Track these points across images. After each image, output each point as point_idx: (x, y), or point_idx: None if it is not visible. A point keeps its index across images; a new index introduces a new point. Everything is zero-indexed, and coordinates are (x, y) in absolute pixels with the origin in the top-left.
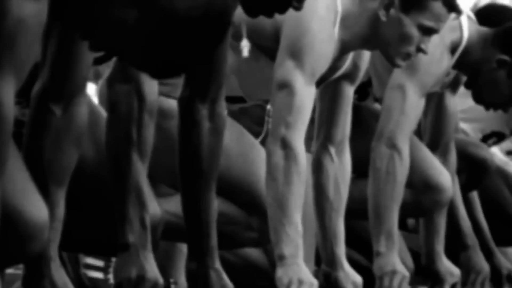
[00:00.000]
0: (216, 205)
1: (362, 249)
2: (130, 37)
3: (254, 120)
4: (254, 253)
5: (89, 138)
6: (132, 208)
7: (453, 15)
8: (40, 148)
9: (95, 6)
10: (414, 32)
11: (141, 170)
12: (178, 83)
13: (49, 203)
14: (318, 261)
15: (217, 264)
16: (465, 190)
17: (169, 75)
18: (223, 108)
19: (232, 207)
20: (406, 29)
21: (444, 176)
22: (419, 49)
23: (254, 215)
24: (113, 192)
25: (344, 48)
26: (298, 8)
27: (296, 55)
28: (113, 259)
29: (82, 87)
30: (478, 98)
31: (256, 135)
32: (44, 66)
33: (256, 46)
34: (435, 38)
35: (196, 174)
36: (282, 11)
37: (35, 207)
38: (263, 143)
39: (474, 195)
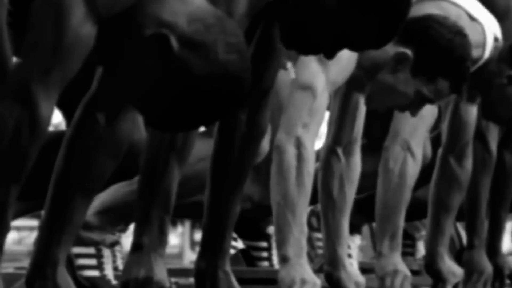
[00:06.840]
0: (238, 210)
1: None
2: (146, 88)
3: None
4: None
5: None
6: (155, 210)
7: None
8: (77, 153)
9: (121, 47)
10: (410, 94)
11: (175, 176)
12: None
13: (70, 208)
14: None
15: (227, 267)
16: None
17: (176, 130)
18: (264, 118)
19: None
20: (404, 88)
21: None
22: (405, 109)
23: None
24: (139, 189)
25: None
26: (330, 57)
27: (324, 61)
28: (105, 256)
29: None
30: (487, 113)
31: None
32: (97, 74)
33: None
34: None
35: (225, 177)
36: (316, 53)
37: None
38: None
39: (507, 193)
